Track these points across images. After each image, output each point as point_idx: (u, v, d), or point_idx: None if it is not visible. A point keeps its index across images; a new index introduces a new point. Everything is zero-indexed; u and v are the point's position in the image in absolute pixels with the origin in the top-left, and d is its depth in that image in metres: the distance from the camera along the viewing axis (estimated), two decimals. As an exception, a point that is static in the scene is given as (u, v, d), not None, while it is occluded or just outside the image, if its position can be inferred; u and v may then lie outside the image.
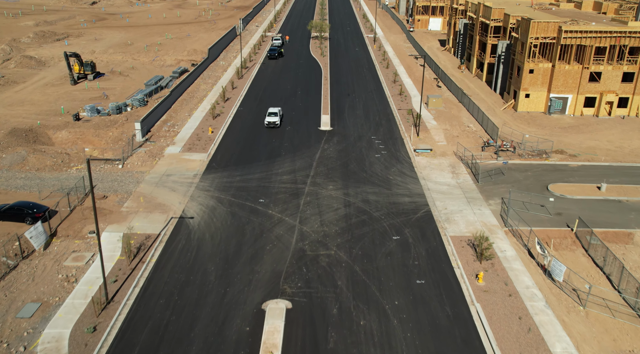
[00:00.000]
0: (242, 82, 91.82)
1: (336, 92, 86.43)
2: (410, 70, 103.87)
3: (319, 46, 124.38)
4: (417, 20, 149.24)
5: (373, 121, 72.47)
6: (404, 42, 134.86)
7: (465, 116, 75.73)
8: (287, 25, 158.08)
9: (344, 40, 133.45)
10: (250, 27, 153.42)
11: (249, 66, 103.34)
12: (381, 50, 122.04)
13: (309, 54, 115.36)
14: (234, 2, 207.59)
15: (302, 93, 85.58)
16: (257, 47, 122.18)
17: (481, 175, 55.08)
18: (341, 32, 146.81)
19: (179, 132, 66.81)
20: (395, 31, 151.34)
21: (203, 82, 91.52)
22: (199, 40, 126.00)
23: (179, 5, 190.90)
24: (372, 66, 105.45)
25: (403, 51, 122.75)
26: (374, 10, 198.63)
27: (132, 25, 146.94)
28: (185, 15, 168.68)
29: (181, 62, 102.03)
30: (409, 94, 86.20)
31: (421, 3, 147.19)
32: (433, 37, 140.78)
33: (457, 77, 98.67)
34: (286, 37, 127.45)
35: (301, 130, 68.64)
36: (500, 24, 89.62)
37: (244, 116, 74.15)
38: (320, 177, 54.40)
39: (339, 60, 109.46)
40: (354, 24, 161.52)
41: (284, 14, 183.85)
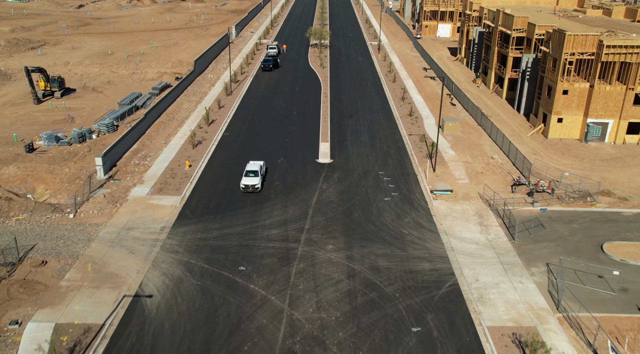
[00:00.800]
0: (231, 99, 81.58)
1: (337, 112, 76.20)
2: (419, 84, 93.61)
3: (318, 56, 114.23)
4: (425, 27, 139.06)
5: (380, 150, 62.19)
6: (411, 51, 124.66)
7: (487, 143, 65.42)
8: (284, 30, 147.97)
9: (346, 49, 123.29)
10: (245, 33, 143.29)
11: (240, 80, 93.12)
12: (386, 60, 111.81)
13: (307, 65, 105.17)
14: (228, 6, 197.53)
15: (299, 114, 75.36)
16: (251, 56, 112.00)
17: (517, 228, 44.75)
18: (342, 39, 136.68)
19: (151, 166, 56.54)
20: (401, 38, 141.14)
21: (186, 100, 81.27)
22: (187, 49, 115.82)
23: (170, 9, 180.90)
24: (377, 80, 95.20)
25: (410, 61, 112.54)
26: (378, 14, 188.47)
27: (117, 31, 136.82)
28: (176, 20, 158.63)
29: (164, 76, 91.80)
30: (420, 114, 75.90)
31: (429, 8, 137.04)
32: (442, 45, 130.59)
33: (473, 93, 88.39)
34: (283, 46, 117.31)
35: (296, 163, 58.37)
36: (523, 34, 79.36)
37: (229, 143, 63.88)
38: (318, 232, 44.12)
39: (340, 73, 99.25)
40: (357, 30, 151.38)
41: (281, 18, 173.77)
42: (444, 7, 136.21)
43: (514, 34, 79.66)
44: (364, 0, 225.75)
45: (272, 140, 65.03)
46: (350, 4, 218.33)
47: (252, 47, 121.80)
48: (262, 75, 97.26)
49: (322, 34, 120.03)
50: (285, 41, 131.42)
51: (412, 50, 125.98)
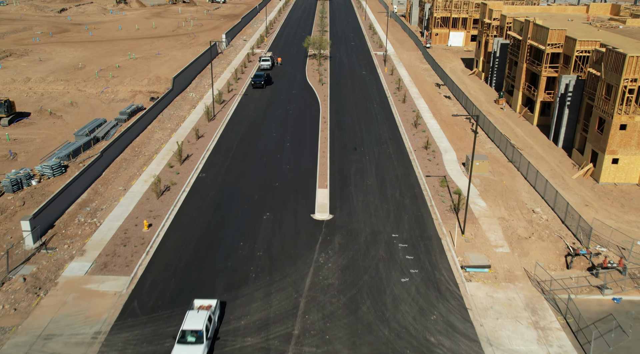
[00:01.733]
0: (213, 126, 69.40)
1: (338, 143, 64.00)
2: (433, 105, 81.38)
3: (317, 68, 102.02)
4: (435, 35, 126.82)
5: (392, 200, 49.95)
6: (421, 63, 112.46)
7: (523, 188, 53.13)
8: (280, 38, 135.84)
9: (348, 60, 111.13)
10: (237, 41, 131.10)
11: (227, 100, 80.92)
12: (394, 74, 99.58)
13: (304, 81, 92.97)
14: (221, 10, 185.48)
15: (292, 146, 63.15)
16: (242, 69, 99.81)
17: (591, 336, 32.44)
18: (344, 47, 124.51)
19: (100, 226, 44.35)
20: (409, 47, 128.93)
21: (160, 127, 69.09)
22: (170, 61, 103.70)
23: (158, 14, 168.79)
24: (385, 99, 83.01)
25: (421, 75, 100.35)
26: (382, 19, 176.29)
27: (95, 39, 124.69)
28: (163, 26, 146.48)
29: (137, 96, 79.60)
30: (438, 147, 63.65)
31: (439, 14, 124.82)
32: (455, 56, 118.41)
33: (497, 117, 76.16)
34: (278, 59, 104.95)
35: (286, 220, 46.15)
36: (559, 50, 67.14)
37: (204, 189, 51.68)
38: (311, 343, 31.86)
39: (341, 90, 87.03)
40: (360, 37, 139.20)
41: (278, 23, 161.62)
42: (457, 13, 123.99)
43: (548, 49, 67.41)
44: (366, 4, 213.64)
45: (257, 185, 52.81)
46: (352, 8, 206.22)
47: (243, 59, 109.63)
48: (252, 94, 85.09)
49: (321, 44, 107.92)
50: (281, 50, 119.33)
51: (422, 61, 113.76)
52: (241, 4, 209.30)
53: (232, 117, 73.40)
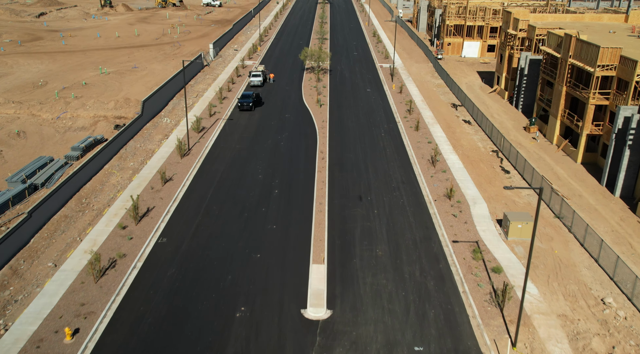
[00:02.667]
0: (186, 164, 57.01)
1: (339, 190, 51.60)
2: (452, 133, 69.02)
3: (314, 86, 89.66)
4: (447, 44, 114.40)
5: (411, 283, 37.53)
6: (432, 77, 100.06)
7: (583, 262, 40.68)
8: (275, 47, 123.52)
9: (351, 74, 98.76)
10: (226, 51, 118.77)
11: (207, 127, 68.59)
12: (403, 92, 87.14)
13: (299, 101, 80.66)
14: (213, 15, 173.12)
15: (281, 193, 50.76)
16: (228, 86, 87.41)
17: None
18: (346, 58, 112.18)
19: (4, 335, 31.90)
20: (417, 57, 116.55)
21: (119, 167, 56.68)
22: (146, 76, 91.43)
23: (144, 19, 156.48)
24: (394, 125, 70.68)
25: (434, 94, 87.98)
26: (387, 24, 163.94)
27: (67, 49, 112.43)
28: (146, 33, 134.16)
29: (100, 123, 67.27)
30: (464, 195, 51.19)
31: (452, 22, 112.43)
32: (470, 68, 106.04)
33: (529, 149, 63.72)
34: (270, 75, 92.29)
35: (267, 320, 33.66)
36: (612, 72, 54.76)
37: (161, 265, 39.23)
38: None
39: (343, 115, 74.70)
40: (363, 46, 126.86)
41: (274, 30, 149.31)
42: (472, 21, 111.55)
43: (598, 72, 55.00)
44: (370, 9, 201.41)
45: (233, 256, 40.37)
46: (354, 12, 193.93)
47: (231, 73, 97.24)
48: (238, 118, 72.78)
49: (320, 57, 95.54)
50: (275, 62, 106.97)
51: (434, 75, 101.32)
52: (236, 7, 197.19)
53: (211, 152, 60.97)
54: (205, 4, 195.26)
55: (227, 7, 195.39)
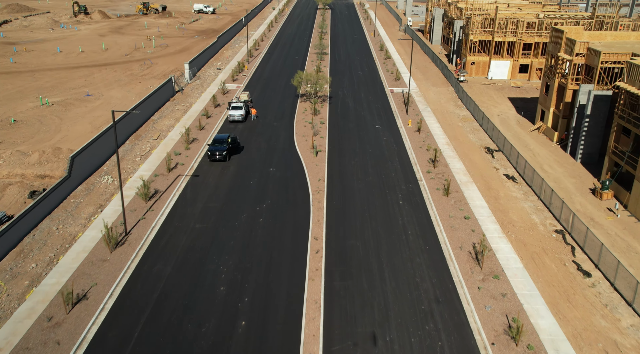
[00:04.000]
0: (114, 265, 39.04)
1: (340, 321, 33.64)
2: (495, 198, 51.10)
3: (310, 121, 71.87)
4: (471, 64, 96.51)
5: None
6: (455, 106, 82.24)
7: None
8: (266, 64, 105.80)
9: (355, 103, 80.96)
10: (208, 70, 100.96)
11: (161, 189, 50.75)
12: (422, 131, 69.17)
13: (289, 146, 62.84)
14: (199, 24, 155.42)
15: (251, 327, 32.77)
16: (200, 123, 69.58)
17: None
18: (349, 81, 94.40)
19: None
20: (434, 78, 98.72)
21: (11, 275, 38.64)
22: (99, 108, 73.75)
23: (119, 29, 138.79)
24: (415, 187, 52.74)
25: (461, 132, 70.17)
26: (395, 34, 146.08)
27: (14, 69, 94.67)
28: (117, 47, 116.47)
29: (10, 188, 49.07)
30: (537, 331, 33.04)
31: (477, 37, 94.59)
32: (499, 94, 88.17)
33: (607, 229, 45.74)
34: (252, 110, 73.68)
35: None
36: None
37: None
38: None
39: (346, 168, 56.81)
40: (369, 63, 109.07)
41: (266, 42, 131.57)
42: (500, 36, 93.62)
43: None
44: (375, 15, 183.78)
45: None
46: (358, 20, 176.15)
47: (208, 102, 79.39)
48: (206, 174, 54.95)
49: (317, 83, 77.79)
50: (264, 86, 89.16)
51: (457, 104, 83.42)
52: (226, 14, 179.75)
53: (158, 236, 43.03)
54: (197, 10, 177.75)
55: (219, 13, 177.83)
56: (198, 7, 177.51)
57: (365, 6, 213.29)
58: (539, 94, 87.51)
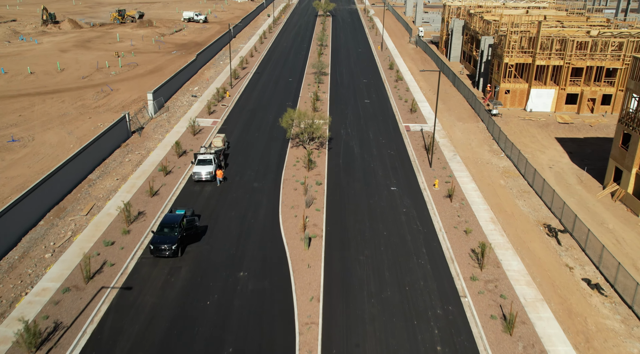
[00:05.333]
0: None
1: None
2: (582, 332, 33.34)
3: (302, 181, 54.11)
4: (505, 92, 78.72)
5: None
6: (491, 153, 64.44)
7: None
8: (253, 89, 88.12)
9: (362, 149, 63.29)
10: (180, 99, 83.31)
11: (65, 323, 33.02)
12: (456, 196, 51.25)
13: (271, 226, 45.06)
14: (180, 36, 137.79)
15: None
16: (151, 188, 51.95)
17: None
18: (354, 113, 76.74)
19: None
20: (459, 110, 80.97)
21: None
22: (22, 161, 56.06)
23: (86, 42, 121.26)
24: (456, 310, 34.93)
25: (505, 194, 52.35)
26: (405, 47, 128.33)
27: (-61, 99, 77.15)
28: (76, 66, 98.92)
29: None
30: None
31: (513, 59, 76.86)
32: (544, 133, 70.42)
33: None
34: (219, 172, 54.41)
35: None
36: None
37: None
38: None
39: (351, 268, 39.06)
40: (377, 86, 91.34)
41: (257, 58, 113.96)
42: (543, 58, 75.75)
43: None
44: (381, 23, 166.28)
45: None
46: (362, 30, 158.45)
47: (170, 150, 61.57)
48: (142, 285, 37.24)
49: (313, 125, 60.08)
50: (247, 121, 71.48)
51: (492, 149, 65.54)
52: (215, 22, 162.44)
53: None
54: (187, 19, 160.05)
55: (210, 21, 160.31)
56: (188, 15, 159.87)
57: (370, 12, 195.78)
58: (593, 132, 69.77)
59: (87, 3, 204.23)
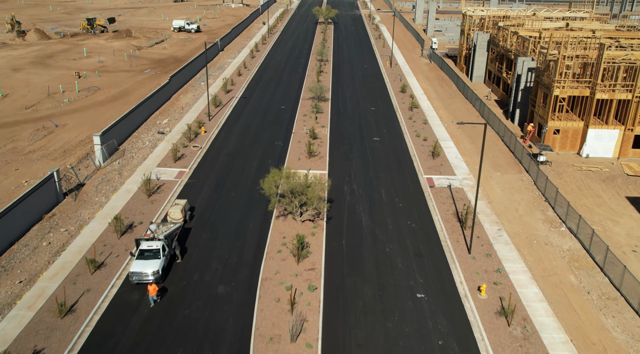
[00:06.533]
0: None
1: None
2: None
3: (289, 285, 37.85)
4: (554, 132, 62.28)
5: None
6: (545, 223, 48.06)
7: None
8: (236, 120, 72.05)
9: (372, 220, 47.07)
10: (142, 138, 67.14)
11: None
12: (517, 320, 34.94)
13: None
14: (158, 50, 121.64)
15: None
16: (83, 282, 35.77)
17: None
18: (360, 159, 60.52)
19: None
20: (493, 151, 64.59)
21: None
22: None
23: (47, 58, 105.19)
24: None
25: (579, 302, 36.03)
26: (418, 62, 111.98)
27: None
28: (25, 90, 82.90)
29: None
30: None
31: (566, 91, 60.48)
32: (609, 189, 54.00)
33: None
34: (151, 289, 37.72)
35: None
36: None
37: None
38: None
39: None
40: (389, 117, 75.16)
41: (245, 77, 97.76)
42: (605, 91, 59.23)
43: None
44: (388, 33, 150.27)
45: None
46: (368, 40, 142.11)
47: (110, 223, 45.28)
48: None
49: (308, 196, 43.76)
50: (224, 169, 55.35)
51: (547, 217, 49.11)
52: (204, 31, 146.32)
53: None
54: (177, 28, 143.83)
55: (194, 33, 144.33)
56: (178, 24, 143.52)
57: (376, 19, 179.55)
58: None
59: (67, 9, 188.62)
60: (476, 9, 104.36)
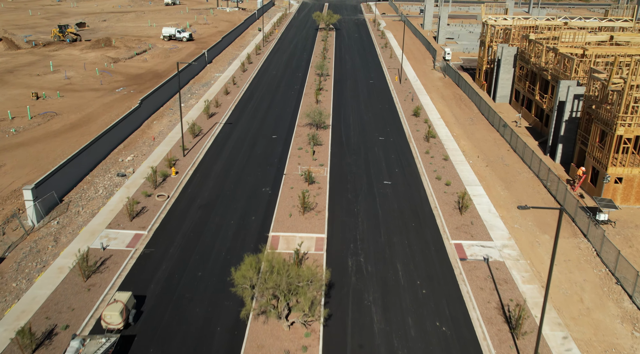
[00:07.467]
0: None
1: None
2: None
3: None
4: (615, 181, 49.28)
5: None
6: (624, 321, 35.25)
7: None
8: (217, 156, 59.46)
9: (386, 318, 34.35)
10: (98, 181, 54.43)
11: None
12: None
13: None
14: (139, 61, 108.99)
15: None
16: None
17: None
18: (368, 213, 47.81)
19: None
20: (531, 198, 51.76)
21: None
22: None
23: (5, 75, 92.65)
24: None
25: None
26: (432, 79, 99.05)
27: None
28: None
29: None
30: None
31: (633, 132, 47.58)
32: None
33: None
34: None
35: None
36: None
37: None
38: None
39: None
40: (401, 151, 62.42)
41: (233, 97, 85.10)
42: (683, 128, 46.41)
43: None
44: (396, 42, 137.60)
45: None
46: (372, 48, 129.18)
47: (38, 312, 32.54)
48: None
49: (299, 297, 31.06)
50: (194, 233, 42.65)
51: (625, 313, 36.31)
52: (196, 39, 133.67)
53: None
54: (166, 36, 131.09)
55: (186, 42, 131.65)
56: (168, 32, 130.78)
57: (381, 25, 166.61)
58: None
59: (48, 13, 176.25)
60: (498, 18, 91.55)
